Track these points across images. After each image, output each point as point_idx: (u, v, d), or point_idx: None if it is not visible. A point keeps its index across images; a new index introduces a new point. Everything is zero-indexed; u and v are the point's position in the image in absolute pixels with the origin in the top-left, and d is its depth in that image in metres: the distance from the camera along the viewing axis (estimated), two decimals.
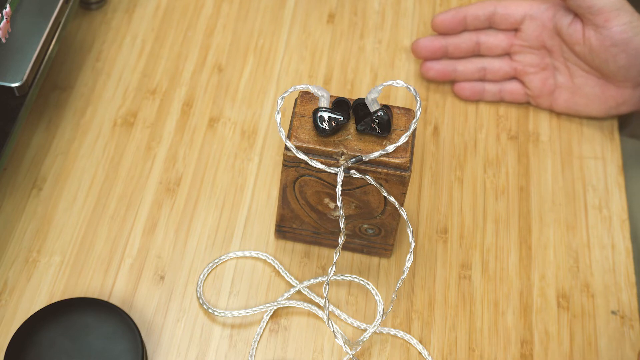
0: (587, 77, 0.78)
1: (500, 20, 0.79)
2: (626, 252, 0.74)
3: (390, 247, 0.71)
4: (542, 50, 0.79)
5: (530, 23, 0.78)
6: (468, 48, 0.80)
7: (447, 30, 0.80)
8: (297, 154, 0.62)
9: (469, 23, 0.79)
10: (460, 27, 0.80)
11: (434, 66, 0.81)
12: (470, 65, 0.81)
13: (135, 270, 0.70)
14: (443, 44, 0.80)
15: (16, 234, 0.71)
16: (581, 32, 0.75)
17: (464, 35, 0.80)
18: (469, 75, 0.81)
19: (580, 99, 0.79)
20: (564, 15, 0.76)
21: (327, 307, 0.64)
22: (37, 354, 0.61)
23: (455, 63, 0.81)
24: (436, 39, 0.80)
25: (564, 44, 0.77)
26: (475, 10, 0.79)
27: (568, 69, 0.78)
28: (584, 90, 0.78)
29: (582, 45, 0.75)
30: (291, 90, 0.63)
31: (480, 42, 0.80)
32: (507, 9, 0.79)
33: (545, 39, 0.78)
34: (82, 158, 0.76)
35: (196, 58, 0.83)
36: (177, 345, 0.67)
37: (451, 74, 0.81)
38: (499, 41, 0.80)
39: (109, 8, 0.85)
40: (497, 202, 0.76)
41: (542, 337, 0.69)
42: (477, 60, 0.81)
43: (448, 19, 0.79)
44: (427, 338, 0.69)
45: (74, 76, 0.81)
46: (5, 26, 0.69)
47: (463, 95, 0.81)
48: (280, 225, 0.71)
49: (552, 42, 0.78)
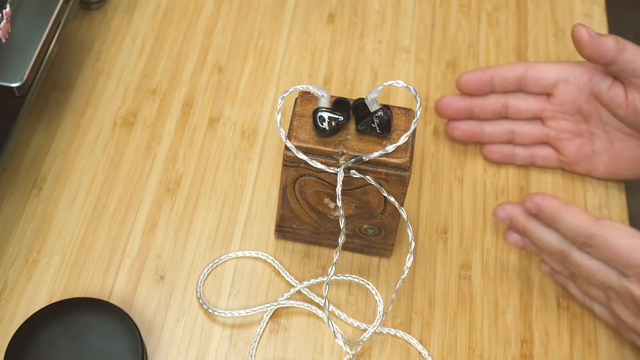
0: (629, 140, 0.74)
1: (531, 83, 0.74)
2: None
3: (390, 247, 0.71)
4: (577, 116, 0.74)
5: (565, 87, 0.74)
6: (495, 110, 0.76)
7: (472, 91, 0.76)
8: (297, 154, 0.62)
9: (497, 84, 0.75)
10: (487, 88, 0.75)
11: (460, 126, 0.77)
12: (499, 127, 0.76)
13: (135, 270, 0.70)
14: (468, 105, 0.76)
15: (16, 234, 0.71)
16: (624, 96, 0.71)
17: (491, 97, 0.76)
18: (497, 137, 0.77)
19: (622, 163, 0.75)
20: (602, 78, 0.72)
21: (327, 307, 0.64)
22: (37, 354, 0.61)
23: (482, 124, 0.77)
24: (461, 99, 0.76)
25: (602, 108, 0.73)
26: (504, 72, 0.75)
27: (607, 134, 0.74)
28: (626, 154, 0.74)
29: (625, 109, 0.71)
30: (291, 90, 0.63)
31: (509, 105, 0.76)
32: (539, 72, 0.74)
33: (581, 103, 0.74)
34: (82, 158, 0.76)
35: (196, 58, 0.83)
36: (177, 345, 0.67)
37: (478, 135, 0.77)
38: (529, 105, 0.75)
39: (109, 8, 0.85)
40: (497, 202, 0.76)
41: (542, 337, 0.69)
42: (505, 123, 0.76)
43: (474, 79, 0.75)
44: (427, 338, 0.69)
45: (74, 76, 0.81)
46: (5, 26, 0.69)
47: (493, 159, 0.77)
48: (280, 225, 0.71)
49: (588, 107, 0.74)
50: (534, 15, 0.88)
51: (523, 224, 0.68)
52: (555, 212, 0.65)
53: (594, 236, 0.63)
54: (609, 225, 0.63)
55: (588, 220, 0.64)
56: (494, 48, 0.86)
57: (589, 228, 0.63)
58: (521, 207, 0.68)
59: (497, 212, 0.69)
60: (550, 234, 0.66)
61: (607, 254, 0.63)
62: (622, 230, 0.63)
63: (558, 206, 0.65)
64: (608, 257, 0.63)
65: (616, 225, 0.63)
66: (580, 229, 0.64)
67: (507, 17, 0.88)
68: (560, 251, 0.66)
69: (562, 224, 0.65)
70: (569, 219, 0.64)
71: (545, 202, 0.65)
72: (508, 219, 0.68)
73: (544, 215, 0.66)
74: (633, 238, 0.62)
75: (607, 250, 0.63)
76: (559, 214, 0.65)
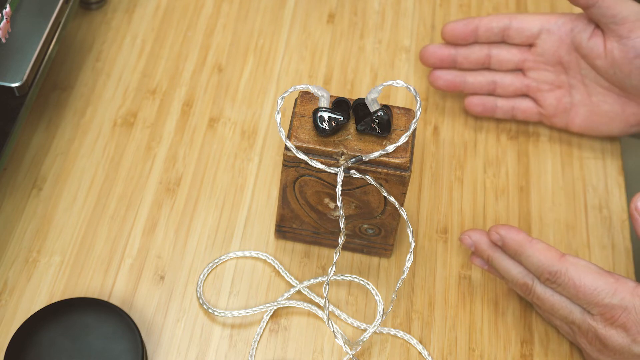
0: (606, 95, 0.75)
1: (514, 34, 0.75)
2: (626, 252, 0.74)
3: (390, 247, 0.71)
4: (557, 67, 0.76)
5: (547, 38, 0.75)
6: (478, 60, 0.77)
7: (457, 40, 0.77)
8: (297, 154, 0.62)
9: (481, 35, 0.76)
10: (471, 38, 0.76)
11: (443, 76, 0.78)
12: (481, 78, 0.78)
13: (135, 270, 0.70)
14: (452, 53, 0.77)
15: (16, 234, 0.71)
16: (602, 45, 0.72)
17: (475, 47, 0.77)
18: (479, 88, 0.78)
19: (598, 118, 0.76)
20: (583, 28, 0.73)
21: (327, 307, 0.64)
22: (37, 354, 0.61)
23: (465, 74, 0.78)
24: (445, 47, 0.77)
25: (582, 59, 0.74)
26: (489, 22, 0.76)
27: (585, 87, 0.75)
28: (602, 108, 0.75)
29: (603, 59, 0.72)
30: (291, 90, 0.63)
31: (492, 55, 0.77)
32: (523, 22, 0.75)
33: (562, 54, 0.75)
34: (82, 158, 0.76)
35: (196, 58, 0.83)
36: (177, 345, 0.67)
37: (460, 85, 0.78)
38: (512, 55, 0.76)
39: (109, 8, 0.85)
40: (497, 202, 0.76)
41: (542, 337, 0.69)
42: (487, 74, 0.78)
43: (459, 28, 0.76)
44: (427, 338, 0.69)
45: (74, 76, 0.81)
46: (5, 26, 0.69)
47: (474, 111, 0.78)
48: (280, 225, 0.71)
49: (568, 58, 0.75)
50: None
51: (487, 253, 0.68)
52: (519, 246, 0.65)
53: (558, 273, 0.63)
54: (574, 262, 0.63)
55: (552, 257, 0.63)
56: None
57: (553, 265, 0.63)
58: (486, 235, 0.68)
59: (462, 238, 0.69)
60: (514, 266, 0.66)
61: (570, 292, 0.63)
62: (587, 268, 0.63)
63: (522, 241, 0.65)
64: (572, 295, 0.63)
65: (581, 263, 0.63)
66: (544, 266, 0.64)
67: None
68: (523, 284, 0.66)
69: (526, 259, 0.65)
70: (534, 255, 0.64)
71: (510, 235, 0.65)
72: (472, 247, 0.68)
73: (508, 249, 0.66)
74: (597, 277, 0.62)
75: (570, 288, 0.63)
76: (523, 249, 0.64)
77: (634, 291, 0.61)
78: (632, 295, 0.61)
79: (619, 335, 0.62)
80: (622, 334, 0.61)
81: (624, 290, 0.61)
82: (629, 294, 0.61)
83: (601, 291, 0.62)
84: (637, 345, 0.61)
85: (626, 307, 0.61)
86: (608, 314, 0.62)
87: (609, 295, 0.61)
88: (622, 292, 0.61)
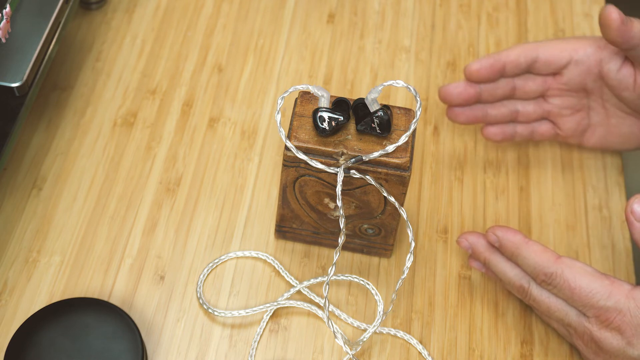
0: (627, 118, 0.74)
1: (542, 67, 0.73)
2: (626, 252, 0.74)
3: (390, 247, 0.71)
4: (580, 93, 0.74)
5: (575, 68, 0.73)
6: (504, 94, 0.75)
7: (483, 81, 0.73)
8: (297, 154, 0.62)
9: (508, 71, 0.73)
10: (498, 76, 0.73)
11: (465, 112, 0.75)
12: (504, 109, 0.75)
13: (135, 270, 0.70)
14: (477, 92, 0.74)
15: (16, 234, 0.71)
16: (633, 78, 0.71)
17: (501, 82, 0.74)
18: (501, 118, 0.76)
19: (615, 138, 0.75)
20: (612, 59, 0.71)
21: (327, 307, 0.64)
22: (37, 354, 0.61)
23: (486, 107, 0.75)
24: (470, 87, 0.74)
25: (606, 88, 0.73)
26: (516, 58, 0.73)
27: (605, 110, 0.74)
28: (620, 129, 0.74)
29: (631, 90, 0.71)
30: (291, 90, 0.63)
31: (517, 87, 0.74)
32: (550, 54, 0.72)
33: (587, 82, 0.73)
34: (82, 158, 0.76)
35: (196, 58, 0.83)
36: (177, 345, 0.67)
37: (482, 118, 0.75)
38: (537, 86, 0.74)
39: (109, 8, 0.85)
40: (497, 202, 0.76)
41: (542, 337, 0.69)
42: (509, 103, 0.75)
43: (485, 68, 0.73)
44: (427, 338, 0.69)
45: (74, 76, 0.81)
46: (5, 26, 0.69)
47: (494, 140, 0.76)
48: (280, 225, 0.71)
49: (593, 85, 0.73)
50: (534, 15, 0.88)
51: (484, 255, 0.68)
52: (516, 248, 0.65)
53: (554, 275, 0.63)
54: (569, 264, 0.63)
55: (548, 258, 0.64)
56: (494, 48, 0.86)
57: (549, 267, 0.63)
58: (483, 237, 0.68)
59: (460, 241, 0.69)
60: (511, 268, 0.66)
61: (566, 293, 0.63)
62: (582, 271, 0.63)
63: (519, 242, 0.65)
64: (567, 297, 0.63)
65: (577, 265, 0.63)
66: (540, 267, 0.64)
67: (507, 17, 0.88)
68: (520, 286, 0.66)
69: (522, 261, 0.65)
70: (530, 256, 0.64)
71: (507, 236, 0.65)
72: (470, 249, 0.69)
73: (505, 250, 0.66)
74: (593, 279, 0.62)
75: (566, 290, 0.63)
76: (520, 251, 0.65)
77: (629, 294, 0.61)
78: (627, 298, 0.61)
79: (614, 337, 0.62)
80: (617, 336, 0.62)
81: (619, 293, 0.61)
82: (624, 296, 0.61)
83: (596, 293, 0.62)
84: (631, 348, 0.61)
85: (621, 309, 0.61)
86: (603, 316, 0.62)
87: (604, 298, 0.61)
88: (617, 294, 0.61)
